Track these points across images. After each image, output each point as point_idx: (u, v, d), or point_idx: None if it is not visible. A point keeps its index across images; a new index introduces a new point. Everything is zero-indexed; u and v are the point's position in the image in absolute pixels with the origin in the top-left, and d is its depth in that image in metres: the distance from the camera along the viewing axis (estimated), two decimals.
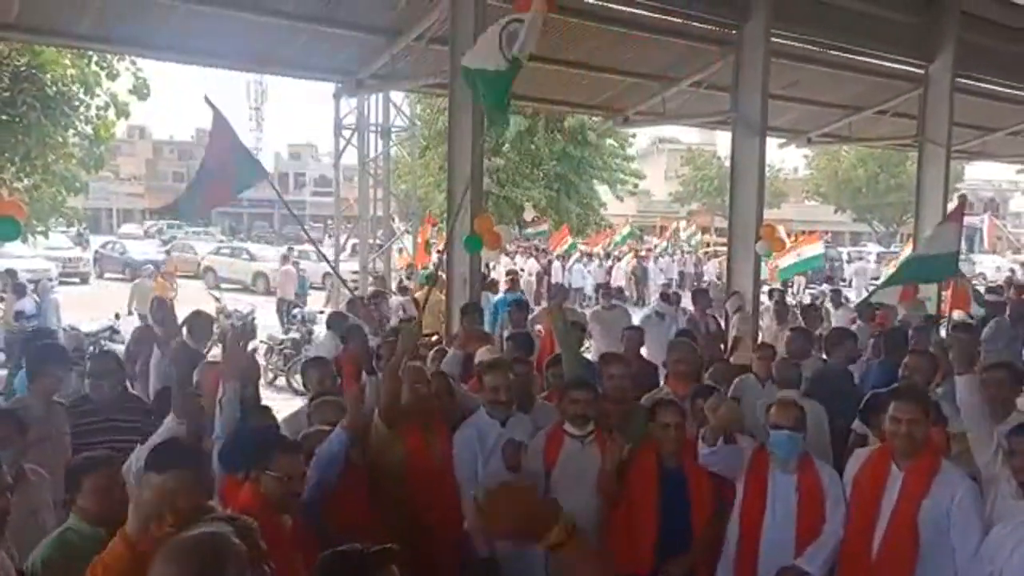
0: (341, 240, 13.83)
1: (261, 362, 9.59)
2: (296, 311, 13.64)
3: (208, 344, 6.51)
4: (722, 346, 8.46)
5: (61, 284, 19.29)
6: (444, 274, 8.63)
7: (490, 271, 15.55)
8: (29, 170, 11.62)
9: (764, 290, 12.31)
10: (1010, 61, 12.70)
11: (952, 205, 9.37)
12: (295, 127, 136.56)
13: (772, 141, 12.46)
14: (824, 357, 6.29)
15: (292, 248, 22.64)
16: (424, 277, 12.15)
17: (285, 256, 18.51)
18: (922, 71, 12.17)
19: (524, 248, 25.72)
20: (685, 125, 18.74)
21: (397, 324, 7.96)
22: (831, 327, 8.31)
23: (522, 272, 18.36)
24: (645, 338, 7.44)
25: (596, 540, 3.89)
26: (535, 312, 9.22)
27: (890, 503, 3.52)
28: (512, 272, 14.97)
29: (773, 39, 9.99)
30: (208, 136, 5.40)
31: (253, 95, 59.07)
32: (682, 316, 9.51)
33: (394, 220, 14.92)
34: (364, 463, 3.86)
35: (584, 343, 8.77)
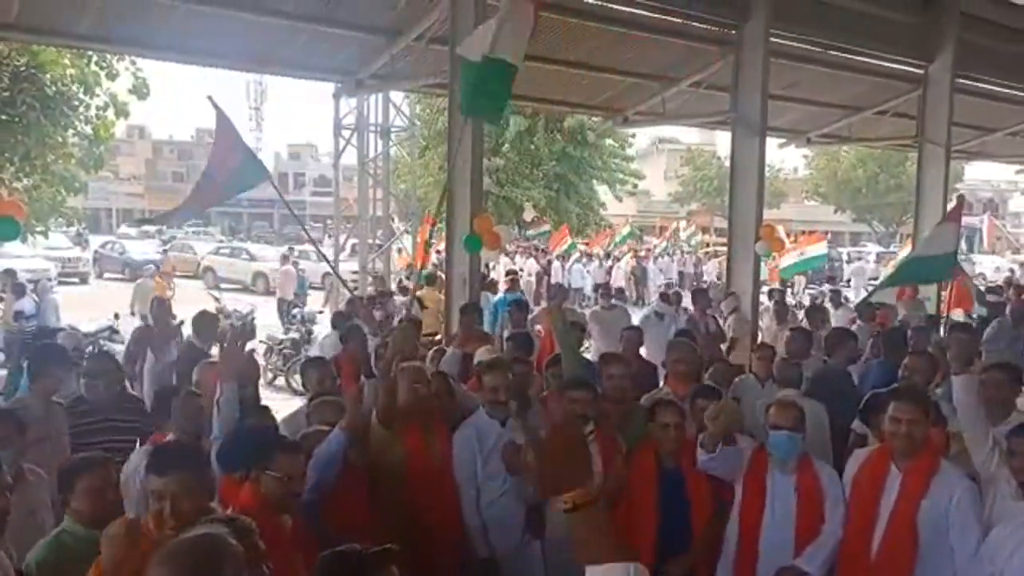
0: (341, 240, 13.82)
1: (260, 362, 9.58)
2: (296, 311, 13.63)
3: (212, 344, 6.52)
4: (722, 346, 8.46)
5: (60, 284, 19.27)
6: (444, 274, 8.62)
7: (490, 271, 15.54)
8: (29, 170, 11.62)
9: (764, 290, 12.31)
10: (1009, 61, 12.70)
11: (952, 205, 9.37)
12: (295, 127, 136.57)
13: (772, 141, 12.46)
14: (825, 358, 6.29)
15: (292, 248, 22.65)
16: (423, 277, 12.15)
17: (285, 256, 18.52)
18: (922, 71, 12.18)
19: (524, 248, 25.71)
20: (685, 125, 18.74)
21: (397, 324, 7.95)
22: (832, 327, 8.31)
23: (521, 272, 18.34)
24: (644, 338, 7.45)
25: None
26: (535, 312, 9.21)
27: (889, 503, 3.52)
28: (512, 272, 14.96)
29: (773, 39, 9.99)
30: (213, 136, 5.38)
31: (253, 95, 59.01)
32: (683, 315, 9.51)
33: (394, 220, 14.91)
34: (363, 464, 3.85)
35: (583, 343, 8.78)
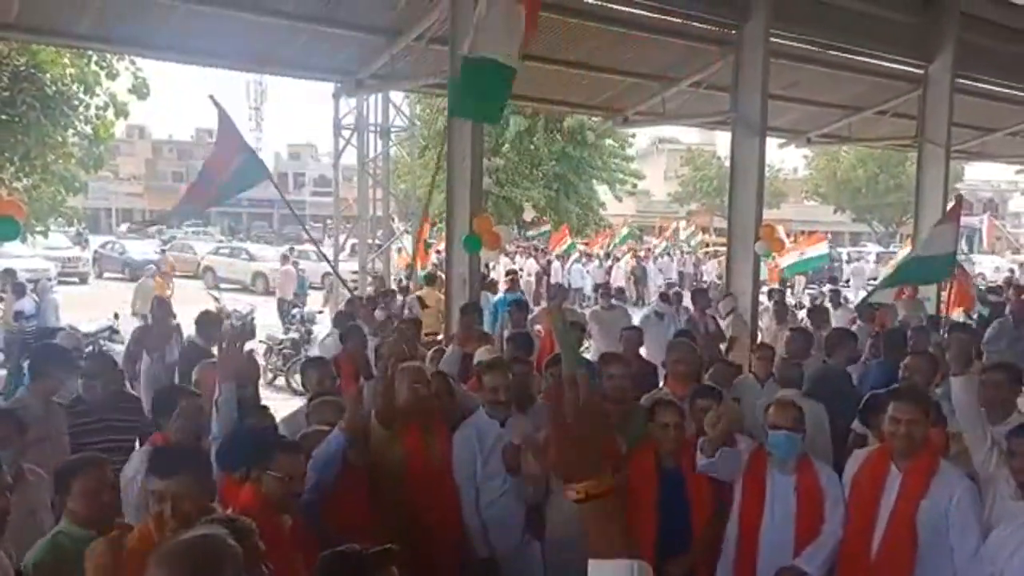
0: (340, 240, 13.82)
1: (260, 362, 9.58)
2: (295, 311, 13.63)
3: (216, 343, 6.52)
4: (721, 346, 8.46)
5: (60, 284, 19.25)
6: (444, 274, 8.62)
7: (490, 271, 15.54)
8: (28, 170, 11.62)
9: (764, 290, 12.30)
10: (1009, 61, 12.69)
11: (951, 205, 9.36)
12: (294, 127, 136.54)
13: (772, 141, 12.45)
14: (825, 358, 6.29)
15: (293, 248, 22.64)
16: (423, 277, 12.15)
17: (285, 256, 18.51)
18: (921, 71, 12.17)
19: (523, 248, 25.71)
20: (685, 125, 18.72)
21: (397, 325, 7.95)
22: (832, 327, 8.31)
23: (521, 272, 18.34)
24: (644, 338, 7.45)
25: None
26: (534, 312, 9.21)
27: (889, 503, 3.53)
28: (512, 272, 14.95)
29: (773, 39, 9.98)
30: (214, 136, 5.39)
31: (253, 95, 59.06)
32: (684, 315, 9.51)
33: (393, 220, 14.90)
34: (363, 464, 3.86)
35: (583, 343, 8.79)
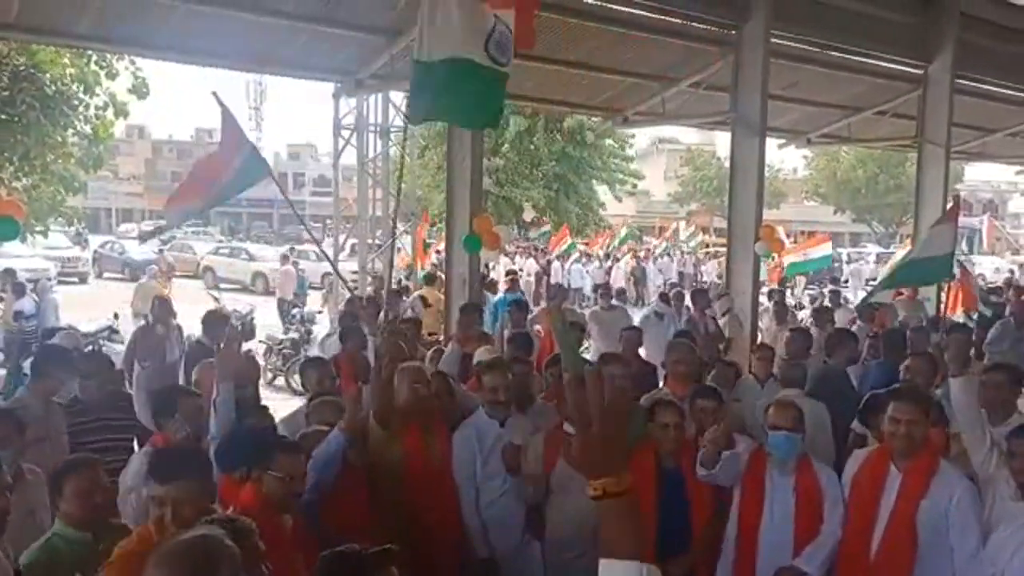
0: (340, 240, 13.82)
1: (260, 362, 9.57)
2: (295, 311, 13.63)
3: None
4: (720, 347, 8.46)
5: (60, 284, 19.25)
6: (443, 274, 8.61)
7: (489, 271, 15.54)
8: (28, 169, 11.60)
9: (763, 291, 12.30)
10: (1009, 62, 12.69)
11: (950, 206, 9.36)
12: (294, 127, 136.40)
13: (771, 142, 12.44)
14: (825, 359, 6.29)
15: (293, 248, 22.63)
16: (423, 277, 12.15)
17: (285, 256, 18.51)
18: (921, 72, 12.16)
19: (523, 248, 25.72)
20: (684, 125, 18.69)
21: (387, 323, 7.94)
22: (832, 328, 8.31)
23: (521, 272, 18.35)
24: (644, 339, 7.45)
25: (597, 540, 3.89)
26: (534, 312, 9.21)
27: (889, 503, 3.53)
28: (512, 272, 14.95)
29: (773, 39, 9.97)
30: (215, 134, 5.37)
31: (252, 95, 58.93)
32: (685, 314, 9.51)
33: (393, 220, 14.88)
34: (363, 464, 3.86)
35: (583, 343, 8.79)
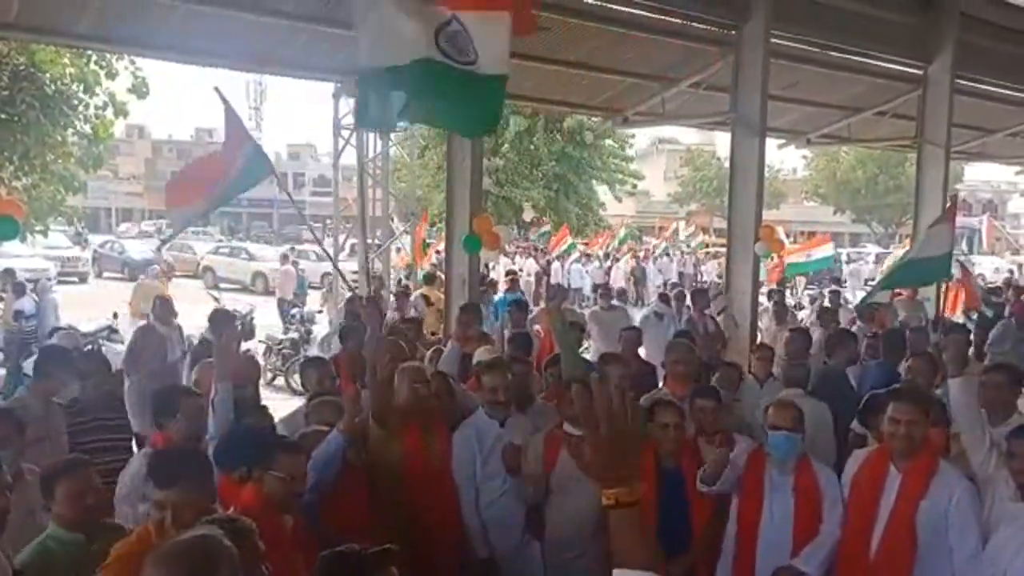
0: (340, 240, 13.81)
1: (260, 362, 9.57)
2: (295, 311, 13.62)
3: None
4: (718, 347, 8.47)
5: (60, 283, 19.24)
6: (443, 274, 8.61)
7: (489, 271, 15.54)
8: (28, 169, 11.59)
9: (763, 291, 12.30)
10: (1009, 62, 12.68)
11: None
12: (294, 127, 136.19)
13: (771, 142, 12.43)
14: (825, 359, 6.30)
15: (293, 248, 22.63)
16: (423, 277, 12.15)
17: (285, 256, 18.50)
18: (921, 72, 12.16)
19: (523, 248, 25.71)
20: (684, 126, 18.70)
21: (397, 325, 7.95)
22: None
23: (520, 272, 18.36)
24: (643, 339, 7.45)
25: (597, 540, 3.90)
26: (534, 312, 9.21)
27: (888, 504, 3.53)
28: (512, 272, 14.95)
29: (772, 40, 9.97)
30: (215, 132, 5.34)
31: (252, 95, 58.64)
32: (686, 313, 9.51)
33: (393, 220, 14.89)
34: (362, 464, 3.85)
35: (583, 343, 8.79)
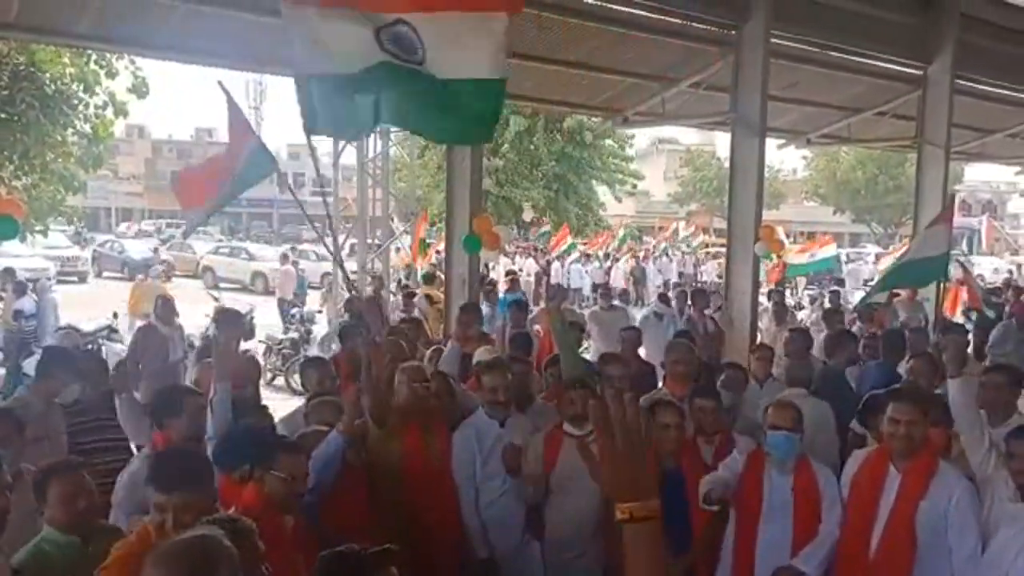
0: (340, 240, 13.80)
1: (260, 362, 9.58)
2: (295, 311, 13.62)
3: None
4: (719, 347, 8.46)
5: (59, 283, 19.24)
6: (443, 274, 8.61)
7: (489, 271, 15.54)
8: (28, 169, 11.58)
9: (763, 291, 12.31)
10: (1009, 63, 12.69)
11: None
12: (294, 127, 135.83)
13: (771, 142, 12.43)
14: (825, 359, 6.29)
15: (293, 248, 22.62)
16: (422, 276, 12.15)
17: (285, 256, 18.51)
18: (921, 72, 12.16)
19: (523, 248, 25.71)
20: (684, 126, 18.70)
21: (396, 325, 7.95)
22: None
23: (520, 272, 18.36)
24: (643, 339, 7.45)
25: (597, 540, 3.90)
26: (534, 312, 9.21)
27: (888, 504, 3.53)
28: (512, 272, 14.95)
29: (772, 40, 9.97)
30: (227, 123, 5.28)
31: (252, 95, 58.67)
32: (687, 311, 9.52)
33: (393, 220, 14.89)
34: (362, 464, 3.85)
35: (582, 343, 8.79)
